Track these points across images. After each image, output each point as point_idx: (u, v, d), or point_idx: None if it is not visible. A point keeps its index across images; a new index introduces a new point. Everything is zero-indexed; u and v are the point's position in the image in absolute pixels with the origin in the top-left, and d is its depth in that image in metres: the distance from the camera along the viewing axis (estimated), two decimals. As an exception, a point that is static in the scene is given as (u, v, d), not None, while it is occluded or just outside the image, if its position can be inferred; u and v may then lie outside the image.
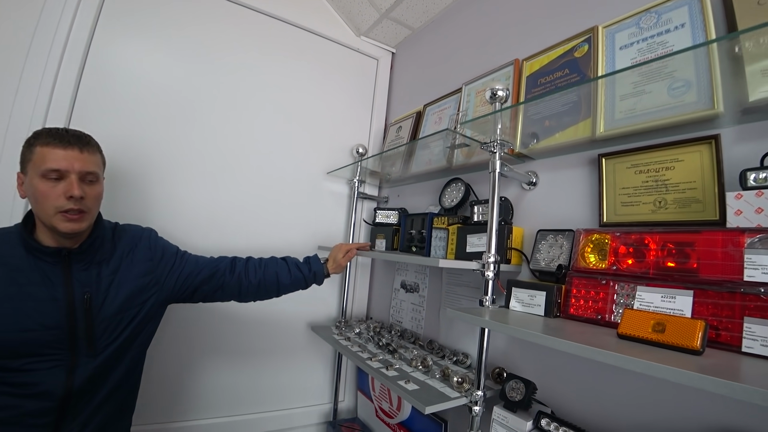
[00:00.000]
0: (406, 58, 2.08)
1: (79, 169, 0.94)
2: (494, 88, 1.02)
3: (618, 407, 0.88)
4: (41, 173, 0.90)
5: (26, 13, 1.37)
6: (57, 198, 0.90)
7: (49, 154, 0.91)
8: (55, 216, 0.91)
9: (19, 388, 0.89)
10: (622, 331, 0.70)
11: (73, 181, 0.92)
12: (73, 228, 0.93)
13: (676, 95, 0.86)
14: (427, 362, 1.20)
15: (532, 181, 1.17)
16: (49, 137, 0.93)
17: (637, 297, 0.77)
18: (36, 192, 0.91)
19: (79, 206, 0.93)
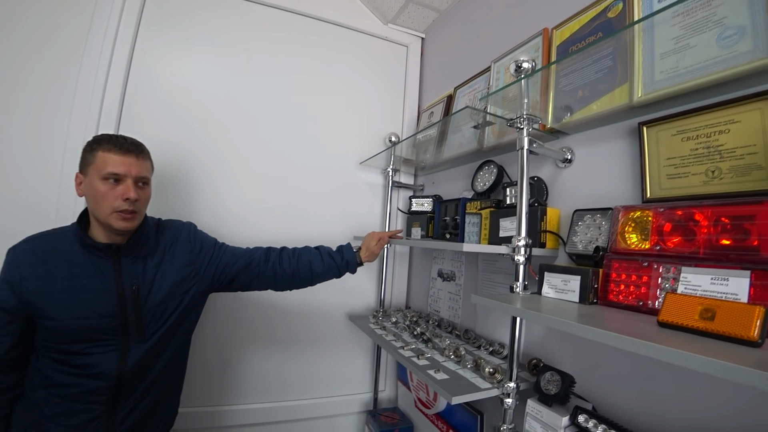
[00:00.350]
0: (435, 42, 2.01)
1: (135, 174, 1.03)
2: (519, 60, 0.95)
3: (667, 406, 0.78)
4: (102, 176, 0.99)
5: (76, 32, 1.50)
6: (114, 199, 1.00)
7: (109, 159, 1.00)
8: (111, 215, 1.00)
9: (80, 369, 1.00)
10: (663, 318, 0.61)
11: (130, 184, 1.02)
12: (126, 226, 1.02)
13: (727, 45, 0.74)
14: (460, 352, 1.15)
15: (567, 157, 1.08)
16: (110, 144, 1.02)
17: (682, 280, 0.68)
18: (96, 192, 1.00)
19: (132, 207, 1.02)
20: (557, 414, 0.83)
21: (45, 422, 0.99)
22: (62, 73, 1.46)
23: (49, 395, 0.99)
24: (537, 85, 1.04)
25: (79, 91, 1.47)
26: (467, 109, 1.17)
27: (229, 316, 1.64)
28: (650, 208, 0.80)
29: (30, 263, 0.99)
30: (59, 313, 0.97)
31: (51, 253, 1.01)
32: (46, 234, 1.06)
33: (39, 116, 1.43)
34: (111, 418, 1.03)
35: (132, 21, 1.55)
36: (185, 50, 1.65)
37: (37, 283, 0.97)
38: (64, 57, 1.47)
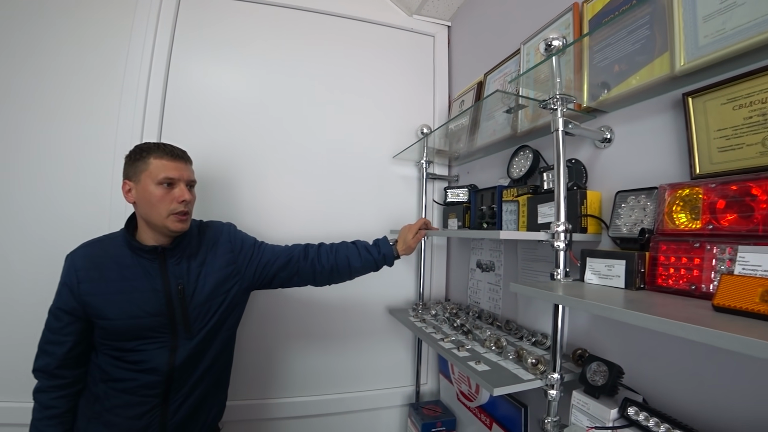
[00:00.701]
0: (462, 29, 1.96)
1: (186, 177, 1.11)
2: (548, 38, 0.91)
3: (728, 399, 0.72)
4: (157, 181, 1.06)
5: (117, 46, 1.61)
6: (170, 202, 1.07)
7: (163, 165, 1.07)
8: (168, 217, 1.07)
9: (135, 365, 1.07)
10: (718, 302, 0.57)
11: (183, 188, 1.09)
12: (182, 227, 1.10)
13: (782, -1, 0.67)
14: (501, 343, 1.13)
15: (605, 137, 1.02)
16: (161, 151, 1.09)
17: (739, 260, 0.62)
18: (151, 197, 1.06)
19: (187, 209, 1.09)
20: (605, 406, 0.79)
21: (105, 413, 1.07)
22: (106, 89, 1.58)
23: (108, 389, 1.07)
24: (570, 63, 0.99)
25: (123, 103, 1.58)
26: (498, 93, 1.13)
27: (272, 314, 1.70)
28: (700, 184, 0.74)
29: (86, 268, 1.07)
30: (113, 313, 1.05)
31: (103, 258, 1.09)
32: (99, 240, 1.14)
33: (88, 129, 1.55)
34: (164, 410, 1.10)
35: (167, 31, 1.65)
36: (217, 58, 1.72)
37: (92, 286, 1.05)
38: (107, 71, 1.59)
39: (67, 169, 1.52)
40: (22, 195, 1.48)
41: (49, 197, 1.50)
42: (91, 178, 1.53)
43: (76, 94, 1.55)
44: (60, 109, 1.53)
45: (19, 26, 1.53)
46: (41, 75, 1.53)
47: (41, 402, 1.06)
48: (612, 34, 0.95)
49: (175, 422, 1.11)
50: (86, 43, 1.58)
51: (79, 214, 1.51)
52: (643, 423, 0.73)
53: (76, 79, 1.55)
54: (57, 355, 1.06)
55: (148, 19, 1.63)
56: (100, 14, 1.60)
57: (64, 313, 1.06)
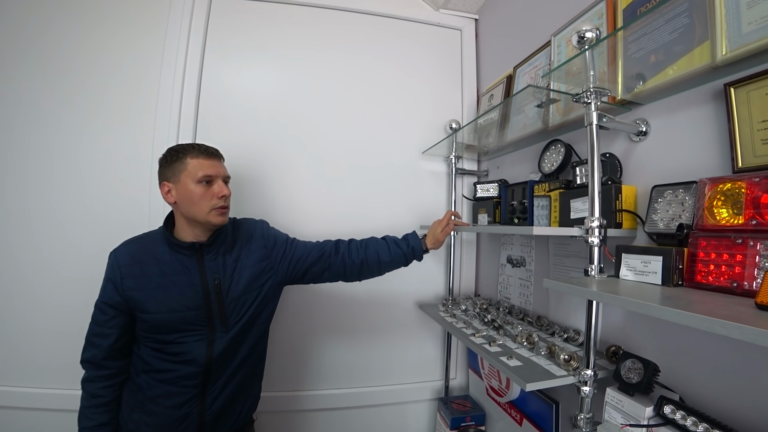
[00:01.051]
0: (490, 22, 1.93)
1: (222, 174, 1.17)
2: (581, 30, 0.89)
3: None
4: (197, 179, 1.11)
5: (151, 57, 1.68)
6: (211, 198, 1.12)
7: (201, 164, 1.13)
8: (210, 213, 1.12)
9: (175, 357, 1.12)
10: (762, 300, 0.56)
11: (222, 183, 1.15)
12: (223, 220, 1.16)
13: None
14: (533, 339, 1.13)
15: (641, 130, 0.99)
16: (196, 151, 1.14)
17: (784, 256, 0.60)
18: (192, 195, 1.11)
19: (226, 203, 1.16)
20: (640, 404, 0.78)
21: (147, 402, 1.12)
22: (143, 93, 1.66)
23: (150, 379, 1.13)
24: (603, 54, 0.97)
25: (159, 105, 1.65)
26: (529, 89, 1.12)
27: (304, 308, 1.75)
28: (743, 178, 0.71)
29: (128, 264, 1.12)
30: (154, 307, 1.10)
31: (144, 255, 1.14)
32: (139, 237, 1.20)
33: (127, 132, 1.64)
34: (202, 400, 1.15)
35: (199, 35, 1.72)
36: (246, 59, 1.77)
37: (134, 282, 1.11)
38: (144, 77, 1.67)
39: (109, 170, 1.61)
40: (67, 195, 1.58)
41: (91, 197, 1.60)
42: (131, 178, 1.62)
43: (115, 99, 1.64)
44: (100, 113, 1.62)
45: (61, 37, 1.62)
46: (81, 81, 1.62)
47: (89, 391, 1.12)
48: (648, 24, 0.93)
49: (213, 412, 1.17)
50: (123, 50, 1.66)
51: (120, 213, 1.60)
52: (679, 422, 0.72)
53: (114, 85, 1.64)
54: (103, 346, 1.12)
55: (181, 23, 1.69)
56: (137, 21, 1.68)
57: (109, 307, 1.12)
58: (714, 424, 0.68)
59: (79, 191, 1.59)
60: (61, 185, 1.58)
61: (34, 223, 1.56)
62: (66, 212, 1.58)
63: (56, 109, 1.59)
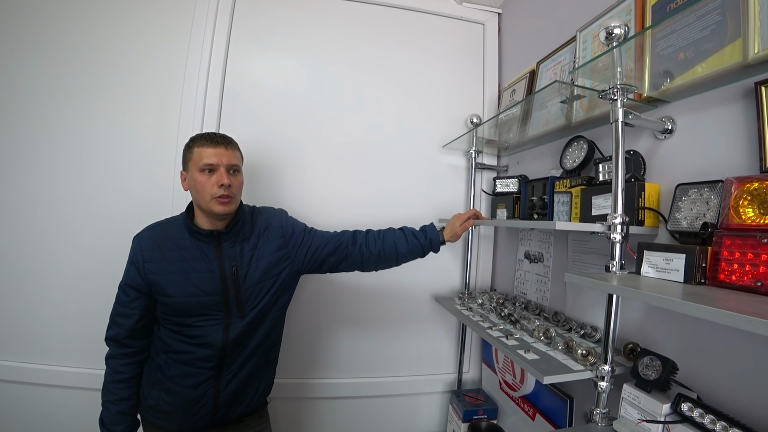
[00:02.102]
0: (513, 16, 1.92)
1: (226, 162, 1.16)
2: (609, 26, 0.89)
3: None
4: (199, 168, 1.14)
5: (178, 49, 1.72)
6: (212, 186, 1.14)
7: (203, 153, 1.15)
8: (211, 201, 1.14)
9: (193, 339, 1.17)
10: (786, 298, 0.56)
11: (223, 172, 1.15)
12: (225, 210, 1.16)
13: None
14: (550, 333, 1.13)
15: (667, 128, 0.99)
16: (202, 139, 1.17)
17: (810, 256, 0.60)
18: (196, 183, 1.15)
19: (228, 192, 1.15)
20: (657, 401, 0.79)
21: (166, 381, 1.17)
22: (169, 84, 1.70)
23: (169, 359, 1.18)
24: (630, 51, 0.97)
25: (185, 97, 1.69)
26: (555, 84, 1.12)
27: (319, 298, 1.78)
28: (770, 178, 0.71)
29: (150, 248, 1.17)
30: (174, 291, 1.14)
31: (166, 240, 1.18)
32: (161, 223, 1.24)
33: (153, 121, 1.68)
34: (217, 382, 1.20)
35: (224, 29, 1.74)
36: (271, 53, 1.80)
37: (156, 266, 1.15)
38: (170, 69, 1.71)
39: (137, 158, 1.66)
40: (96, 180, 1.64)
41: (118, 184, 1.65)
42: (157, 165, 1.66)
43: (141, 93, 1.68)
44: (130, 103, 1.67)
45: (89, 31, 1.66)
46: (107, 76, 1.66)
47: (112, 367, 1.18)
48: (678, 21, 0.92)
49: (228, 393, 1.21)
50: (150, 44, 1.70)
51: (146, 198, 1.65)
52: (697, 420, 0.73)
53: (140, 79, 1.68)
54: (125, 326, 1.17)
55: (207, 17, 1.73)
56: (163, 16, 1.72)
57: (132, 289, 1.17)
58: (732, 423, 0.69)
59: (107, 177, 1.64)
60: (90, 171, 1.63)
61: (63, 206, 1.62)
62: (95, 195, 1.63)
63: (84, 104, 1.64)
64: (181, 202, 1.61)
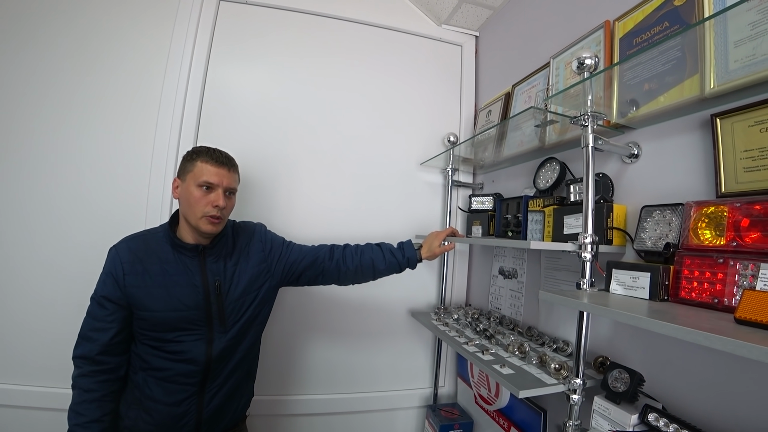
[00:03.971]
0: (490, 40, 2.00)
1: (225, 184, 1.16)
2: (581, 56, 0.96)
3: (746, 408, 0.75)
4: (198, 183, 1.13)
5: (156, 60, 1.70)
6: (206, 205, 1.13)
7: (206, 169, 1.14)
8: (201, 219, 1.13)
9: (174, 355, 1.14)
10: (740, 315, 0.61)
11: (220, 194, 1.15)
12: (212, 230, 1.15)
13: (810, 30, 0.71)
14: (524, 348, 1.17)
15: (633, 153, 1.06)
16: (208, 156, 1.16)
17: (761, 276, 0.66)
18: (190, 197, 1.13)
19: (219, 214, 1.14)
20: (626, 412, 0.83)
21: (145, 400, 1.13)
22: (147, 94, 1.67)
23: (148, 377, 1.14)
24: (600, 80, 1.03)
25: (162, 106, 1.67)
26: (530, 110, 1.18)
27: (296, 312, 1.76)
28: (725, 203, 0.77)
29: (130, 261, 1.13)
30: (155, 305, 1.11)
31: (146, 253, 1.15)
32: (141, 234, 1.21)
33: (129, 131, 1.64)
34: (200, 398, 1.17)
35: (205, 38, 1.74)
36: (252, 64, 1.81)
37: (136, 279, 1.12)
38: (147, 79, 1.68)
39: (107, 169, 1.61)
40: (61, 194, 1.57)
41: (87, 196, 1.59)
42: (130, 178, 1.62)
43: (117, 99, 1.65)
44: (100, 112, 1.62)
45: (63, 34, 1.63)
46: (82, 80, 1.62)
47: (82, 386, 1.09)
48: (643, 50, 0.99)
49: (211, 409, 1.18)
50: (128, 50, 1.67)
51: (117, 213, 1.59)
52: (663, 429, 0.77)
53: (117, 84, 1.65)
54: (101, 341, 1.10)
55: (188, 25, 1.72)
56: (143, 21, 1.70)
57: (109, 302, 1.11)
58: (694, 431, 0.73)
59: (75, 190, 1.58)
60: (55, 184, 1.57)
61: (27, 222, 1.54)
62: (60, 211, 1.56)
63: (54, 104, 1.59)
64: (155, 211, 1.59)
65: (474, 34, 2.11)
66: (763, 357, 0.48)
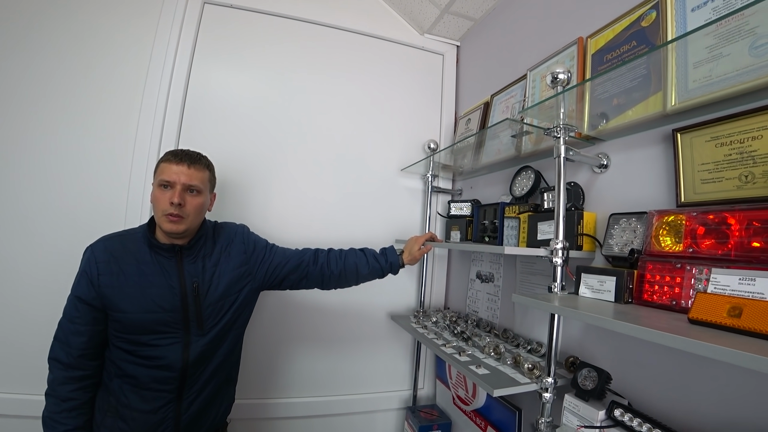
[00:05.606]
0: (471, 50, 2.06)
1: (183, 181, 1.13)
2: (555, 71, 1.00)
3: (703, 402, 0.81)
4: (158, 183, 1.14)
5: (138, 61, 1.68)
6: (164, 203, 1.12)
7: (165, 168, 1.14)
8: (162, 217, 1.12)
9: (149, 361, 1.11)
10: (693, 315, 0.66)
11: (177, 191, 1.12)
12: (172, 228, 1.12)
13: (759, 54, 0.77)
14: (500, 349, 1.21)
15: (602, 163, 1.12)
16: (169, 155, 1.16)
17: (712, 280, 0.71)
18: (153, 197, 1.15)
19: (178, 212, 1.12)
20: (594, 408, 0.88)
21: (121, 408, 1.11)
22: (129, 95, 1.65)
23: (123, 384, 1.11)
24: (572, 93, 1.08)
25: (143, 109, 1.65)
26: (506, 121, 1.23)
27: (277, 316, 1.77)
28: (684, 212, 0.83)
29: (105, 260, 1.11)
30: (130, 307, 1.09)
31: (122, 252, 1.13)
32: (119, 235, 1.19)
33: (110, 133, 1.62)
34: (178, 405, 1.15)
35: (189, 41, 1.73)
36: (235, 67, 1.81)
37: (111, 279, 1.10)
38: (130, 80, 1.66)
39: (86, 172, 1.58)
40: (34, 196, 1.53)
41: (63, 199, 1.55)
42: (112, 179, 1.60)
43: (96, 98, 1.62)
44: (79, 112, 1.60)
45: (39, 30, 1.59)
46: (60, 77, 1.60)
47: (59, 395, 1.07)
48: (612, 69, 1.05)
49: (189, 416, 1.16)
50: (109, 50, 1.65)
51: (99, 211, 1.57)
52: (627, 423, 0.81)
53: (96, 84, 1.62)
54: (76, 344, 1.08)
55: (172, 27, 1.71)
56: (126, 23, 1.68)
57: (82, 303, 1.09)
58: (656, 425, 0.78)
59: (50, 193, 1.54)
60: (27, 186, 1.53)
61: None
62: (35, 216, 1.52)
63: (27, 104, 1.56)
64: (134, 212, 1.58)
65: (455, 43, 2.17)
66: (710, 353, 0.53)
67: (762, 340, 0.56)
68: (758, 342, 0.56)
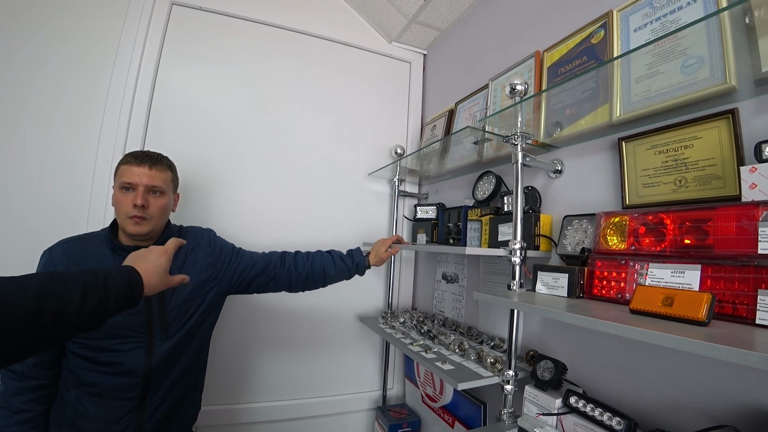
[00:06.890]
0: (437, 59, 2.14)
1: (145, 182, 1.12)
2: (513, 83, 1.07)
3: (648, 386, 0.90)
4: (119, 185, 1.11)
5: (103, 61, 1.63)
6: (127, 205, 1.09)
7: (125, 171, 1.11)
8: (125, 220, 1.10)
9: (110, 367, 1.07)
10: (633, 306, 0.73)
11: (140, 192, 1.10)
12: (136, 230, 1.11)
13: (689, 72, 0.86)
14: (464, 346, 1.27)
15: (557, 169, 1.20)
16: (129, 157, 1.14)
17: (649, 274, 0.79)
18: (115, 200, 1.12)
19: (141, 213, 1.10)
20: (551, 397, 0.94)
21: (78, 419, 1.06)
22: (92, 95, 1.60)
23: (81, 393, 1.06)
24: (530, 103, 1.16)
25: (108, 110, 1.60)
26: (467, 128, 1.29)
27: (244, 319, 1.76)
28: (627, 213, 0.91)
29: (64, 263, 1.07)
30: None
31: (82, 255, 1.10)
32: (79, 237, 1.15)
33: (73, 133, 1.56)
34: (141, 413, 1.10)
35: (155, 45, 1.70)
36: (203, 69, 1.79)
37: None
38: (94, 79, 1.61)
39: (46, 175, 1.51)
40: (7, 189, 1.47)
41: (21, 202, 1.48)
42: (74, 181, 1.54)
43: (58, 99, 1.56)
44: (40, 113, 1.53)
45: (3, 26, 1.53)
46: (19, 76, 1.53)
47: (10, 407, 1.03)
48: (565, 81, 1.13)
49: (153, 424, 1.12)
50: (73, 50, 1.60)
51: (59, 214, 1.51)
52: (581, 409, 0.88)
53: (59, 85, 1.57)
54: None
55: (138, 27, 1.67)
56: (91, 20, 1.63)
57: None
58: (608, 409, 0.85)
59: (5, 193, 1.46)
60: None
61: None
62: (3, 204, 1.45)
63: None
64: (97, 217, 1.53)
65: (422, 52, 2.24)
66: (644, 338, 0.60)
67: (690, 326, 0.63)
68: (687, 327, 0.63)
